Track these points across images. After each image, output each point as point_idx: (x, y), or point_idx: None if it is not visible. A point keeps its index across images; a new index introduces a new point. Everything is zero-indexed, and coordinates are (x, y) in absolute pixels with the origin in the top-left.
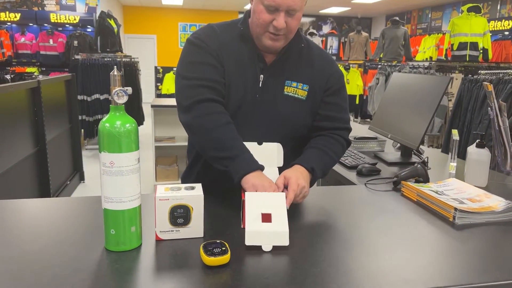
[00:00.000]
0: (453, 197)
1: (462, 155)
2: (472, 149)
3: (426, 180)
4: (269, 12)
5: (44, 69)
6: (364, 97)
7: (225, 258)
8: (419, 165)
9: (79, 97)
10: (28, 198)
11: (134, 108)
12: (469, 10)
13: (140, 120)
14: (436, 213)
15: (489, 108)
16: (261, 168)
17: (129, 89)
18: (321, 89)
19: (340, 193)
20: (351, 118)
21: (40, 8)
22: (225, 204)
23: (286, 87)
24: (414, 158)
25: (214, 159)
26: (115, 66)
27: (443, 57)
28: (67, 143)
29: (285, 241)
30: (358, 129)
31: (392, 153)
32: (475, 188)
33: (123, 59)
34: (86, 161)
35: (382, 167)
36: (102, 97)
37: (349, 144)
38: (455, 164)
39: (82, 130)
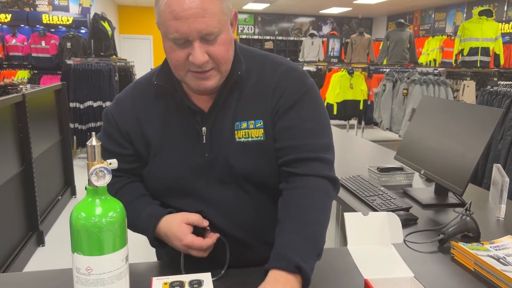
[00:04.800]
0: None
1: (480, 178)
2: None
3: (477, 236)
4: (180, 47)
5: (36, 71)
6: (369, 102)
7: None
8: (468, 218)
9: (71, 105)
10: (14, 221)
11: None
12: (480, 14)
13: None
14: None
15: None
16: (161, 215)
17: (114, 163)
18: (273, 115)
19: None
20: (354, 123)
21: (31, 9)
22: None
23: (236, 131)
24: (451, 198)
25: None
26: (94, 133)
27: (452, 62)
28: (57, 157)
29: None
30: (363, 144)
31: (423, 189)
32: None
33: (118, 63)
34: (79, 172)
35: (417, 211)
36: (95, 104)
37: (337, 186)
38: (504, 206)
39: (75, 137)
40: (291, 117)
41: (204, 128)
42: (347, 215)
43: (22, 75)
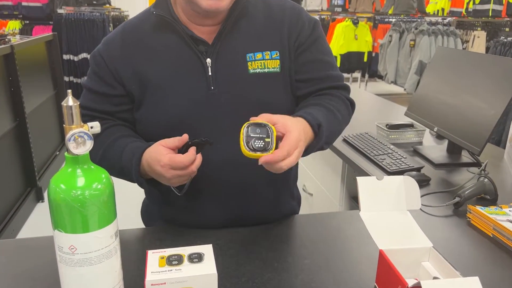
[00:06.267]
0: None
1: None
2: None
3: (494, 198)
4: None
5: (27, 22)
6: (373, 54)
7: None
8: (485, 179)
9: (65, 57)
10: (11, 178)
11: None
12: None
13: None
14: None
15: None
16: (145, 147)
17: (96, 126)
18: (293, 49)
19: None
20: (358, 76)
21: None
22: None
23: (249, 63)
24: (464, 157)
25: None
26: (69, 91)
27: (462, 11)
28: (52, 111)
29: None
30: (370, 99)
31: (435, 147)
32: None
33: (112, 13)
34: None
35: (429, 171)
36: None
37: (353, 106)
38: None
39: (70, 91)
40: (314, 51)
41: (208, 60)
42: (359, 179)
43: (13, 25)
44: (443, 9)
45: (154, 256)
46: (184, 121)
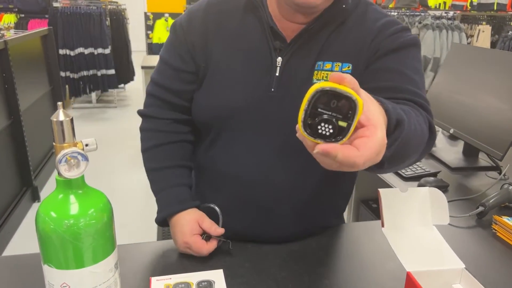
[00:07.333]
0: None
1: None
2: None
3: None
4: None
5: (22, 15)
6: None
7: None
8: (510, 186)
9: (61, 52)
10: (6, 177)
11: (123, 63)
12: None
13: (130, 76)
14: None
15: None
16: (190, 206)
17: (91, 143)
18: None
19: None
20: None
21: None
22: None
23: (316, 72)
24: (482, 160)
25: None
26: (60, 104)
27: (467, 5)
28: (48, 108)
29: None
30: None
31: (450, 150)
32: None
33: (109, 7)
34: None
35: (446, 176)
36: (86, 51)
37: (433, 135)
38: None
39: (67, 86)
40: (395, 60)
41: (279, 59)
42: (382, 192)
43: (9, 19)
44: (445, 3)
45: (158, 285)
46: (232, 115)
